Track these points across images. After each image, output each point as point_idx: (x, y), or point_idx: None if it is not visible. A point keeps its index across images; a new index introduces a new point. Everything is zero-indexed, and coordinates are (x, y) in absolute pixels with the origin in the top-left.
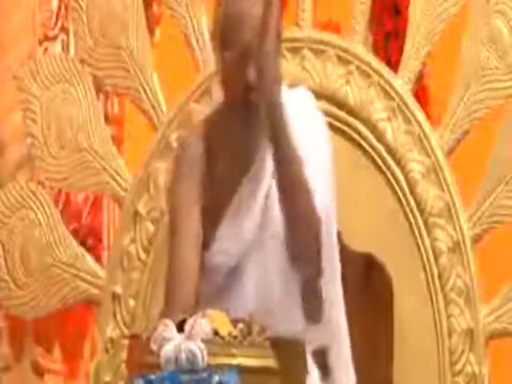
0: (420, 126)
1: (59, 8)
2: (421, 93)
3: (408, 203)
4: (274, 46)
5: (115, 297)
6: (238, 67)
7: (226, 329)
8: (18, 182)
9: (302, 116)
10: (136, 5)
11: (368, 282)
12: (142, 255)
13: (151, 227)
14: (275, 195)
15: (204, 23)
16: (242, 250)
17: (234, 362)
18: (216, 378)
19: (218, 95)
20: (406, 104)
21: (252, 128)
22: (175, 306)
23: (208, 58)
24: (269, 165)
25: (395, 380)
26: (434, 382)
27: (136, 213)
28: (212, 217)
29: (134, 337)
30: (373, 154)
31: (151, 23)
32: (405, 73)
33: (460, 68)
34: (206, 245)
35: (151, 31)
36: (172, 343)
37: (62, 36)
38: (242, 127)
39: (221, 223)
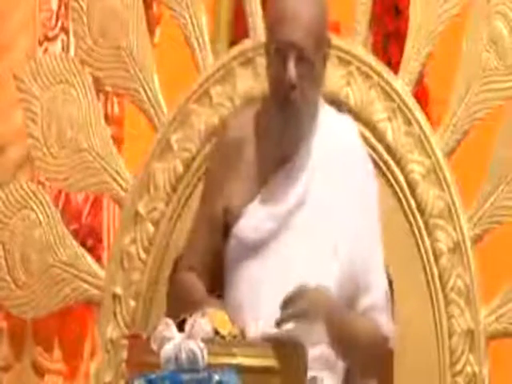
0: (420, 126)
1: (59, 8)
2: (421, 93)
3: (408, 204)
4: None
5: (115, 297)
6: (279, 64)
7: (226, 328)
8: (19, 182)
9: (344, 150)
10: (136, 5)
11: None
12: (143, 255)
13: (151, 228)
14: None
15: (204, 23)
16: (271, 228)
17: (234, 361)
18: (216, 377)
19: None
20: (406, 105)
21: (290, 126)
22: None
23: (208, 58)
24: (306, 169)
25: (395, 380)
26: (434, 382)
27: (136, 213)
28: (240, 197)
29: (134, 337)
30: (373, 154)
31: (151, 23)
32: (405, 74)
33: (460, 69)
34: (233, 221)
35: (151, 31)
36: (172, 342)
37: (62, 36)
38: (280, 123)
39: (250, 203)
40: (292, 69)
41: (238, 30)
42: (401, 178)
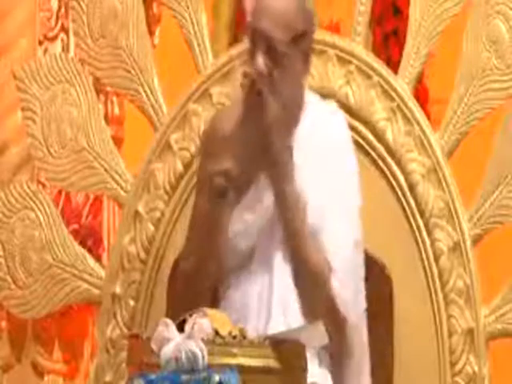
0: (420, 126)
1: (59, 8)
2: (421, 93)
3: (408, 204)
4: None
5: (115, 297)
6: (249, 54)
7: (226, 328)
8: (19, 182)
9: (328, 138)
10: (136, 5)
11: (368, 282)
12: (142, 255)
13: (151, 227)
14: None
15: (204, 23)
16: (259, 231)
17: (235, 361)
18: (216, 377)
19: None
20: (406, 104)
21: (262, 122)
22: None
23: (208, 58)
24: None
25: (395, 380)
26: (434, 382)
27: (136, 213)
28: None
29: (134, 337)
30: (373, 154)
31: (151, 23)
32: (405, 73)
33: (460, 69)
34: None
35: (151, 31)
36: (172, 343)
37: (62, 36)
38: (253, 120)
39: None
40: (259, 57)
41: (238, 30)
42: (401, 178)
